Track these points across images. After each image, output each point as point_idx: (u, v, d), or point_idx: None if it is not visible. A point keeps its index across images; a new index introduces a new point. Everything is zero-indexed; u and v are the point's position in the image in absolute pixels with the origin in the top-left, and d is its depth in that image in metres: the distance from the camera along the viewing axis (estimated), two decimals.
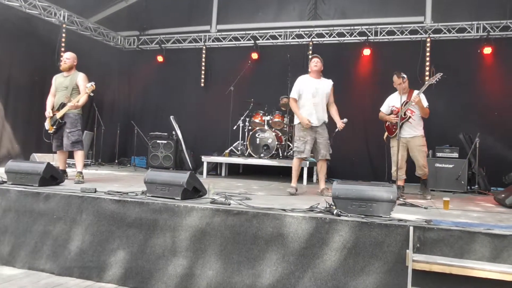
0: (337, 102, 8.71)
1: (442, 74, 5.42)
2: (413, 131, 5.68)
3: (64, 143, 5.78)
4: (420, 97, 5.51)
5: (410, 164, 5.94)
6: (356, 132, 9.03)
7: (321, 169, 5.78)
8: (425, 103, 5.63)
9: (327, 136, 5.67)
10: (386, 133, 6.00)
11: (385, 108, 6.02)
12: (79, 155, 5.83)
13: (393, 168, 5.75)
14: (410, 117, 5.61)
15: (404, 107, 5.57)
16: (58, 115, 5.75)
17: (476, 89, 8.20)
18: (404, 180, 5.85)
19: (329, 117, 5.77)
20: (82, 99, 5.76)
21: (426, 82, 5.55)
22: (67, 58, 5.94)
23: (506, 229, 3.13)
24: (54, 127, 5.79)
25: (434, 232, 3.13)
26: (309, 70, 5.76)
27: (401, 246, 3.15)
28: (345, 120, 5.60)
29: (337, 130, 5.73)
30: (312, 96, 5.58)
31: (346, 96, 9.14)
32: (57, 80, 5.99)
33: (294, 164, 5.70)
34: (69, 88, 5.82)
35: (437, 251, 3.10)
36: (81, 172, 5.74)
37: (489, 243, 3.02)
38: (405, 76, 5.58)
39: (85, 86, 5.78)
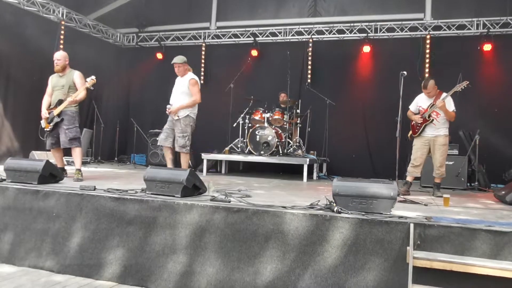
0: (336, 99, 8.79)
1: (468, 82, 5.59)
2: (436, 132, 5.71)
3: (62, 140, 5.71)
4: (445, 102, 5.57)
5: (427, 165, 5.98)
6: (356, 129, 9.03)
7: None
8: (450, 108, 5.66)
9: None
10: (410, 132, 6.01)
11: (413, 107, 6.00)
12: (77, 152, 5.78)
13: (409, 165, 5.81)
14: (433, 119, 5.69)
15: (430, 109, 5.70)
16: (56, 111, 5.71)
17: (476, 86, 8.14)
18: (414, 178, 5.85)
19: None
20: (81, 94, 5.74)
21: (453, 89, 5.64)
22: (58, 59, 5.82)
23: (506, 226, 3.12)
24: (51, 124, 5.75)
25: (434, 229, 3.13)
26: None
27: (402, 243, 3.14)
28: None
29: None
30: None
31: (346, 93, 9.16)
32: (53, 80, 5.94)
33: None
34: (65, 87, 5.79)
35: (438, 248, 3.09)
36: (79, 170, 5.71)
37: (489, 240, 3.01)
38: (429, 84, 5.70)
39: (82, 83, 5.76)
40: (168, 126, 6.14)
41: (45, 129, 5.82)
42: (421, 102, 5.91)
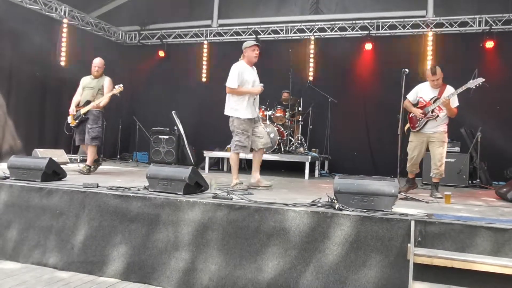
0: (338, 96, 8.79)
1: (484, 80, 5.06)
2: (435, 127, 5.37)
3: (85, 138, 6.33)
4: (450, 100, 5.17)
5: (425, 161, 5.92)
6: (357, 126, 9.04)
7: None
8: (454, 104, 5.27)
9: None
10: (407, 125, 5.62)
11: (412, 97, 5.54)
12: (92, 150, 6.40)
13: (408, 164, 5.57)
14: (438, 115, 5.32)
15: (434, 104, 5.29)
16: (83, 110, 6.30)
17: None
18: (415, 175, 5.71)
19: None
20: (104, 100, 6.35)
21: (466, 85, 5.12)
22: (98, 66, 6.49)
23: (507, 223, 3.13)
24: (77, 121, 6.34)
25: (435, 226, 3.14)
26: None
27: (403, 240, 3.16)
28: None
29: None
30: None
31: (348, 90, 9.15)
32: (85, 81, 6.53)
33: None
34: (95, 89, 6.39)
35: (439, 245, 3.11)
36: (89, 166, 6.32)
37: (490, 237, 3.03)
38: (437, 71, 5.28)
39: (109, 89, 6.38)
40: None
41: (71, 125, 6.42)
42: (422, 93, 5.48)
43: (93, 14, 10.20)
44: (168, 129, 9.24)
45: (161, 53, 10.52)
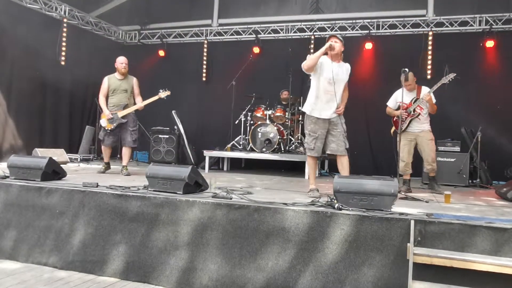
0: None
1: (455, 74, 5.49)
2: (421, 126, 5.71)
3: (127, 140, 6.43)
4: (431, 94, 5.56)
5: (416, 159, 5.94)
6: (357, 126, 9.02)
7: None
8: (433, 100, 5.66)
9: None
10: (393, 128, 6.02)
11: (392, 104, 6.00)
12: (131, 151, 6.64)
13: (401, 164, 5.71)
14: (419, 114, 5.66)
15: (414, 104, 5.65)
16: (121, 114, 6.37)
17: (478, 83, 8.16)
18: (410, 175, 5.84)
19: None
20: (147, 102, 6.57)
21: (439, 82, 5.55)
22: (126, 63, 6.53)
23: (507, 223, 3.13)
24: (115, 125, 6.36)
25: (435, 225, 3.14)
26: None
27: (402, 239, 3.16)
28: None
29: None
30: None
31: (348, 90, 9.13)
32: (112, 81, 6.50)
33: None
34: (128, 91, 6.51)
35: (438, 245, 3.10)
36: (127, 166, 6.48)
37: (490, 237, 3.02)
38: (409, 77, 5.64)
39: (139, 91, 6.62)
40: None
41: (107, 128, 6.40)
42: (400, 97, 5.61)
43: (93, 13, 10.18)
44: (168, 128, 9.24)
45: (161, 53, 10.51)
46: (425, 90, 5.70)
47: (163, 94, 6.63)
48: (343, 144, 4.87)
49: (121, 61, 6.50)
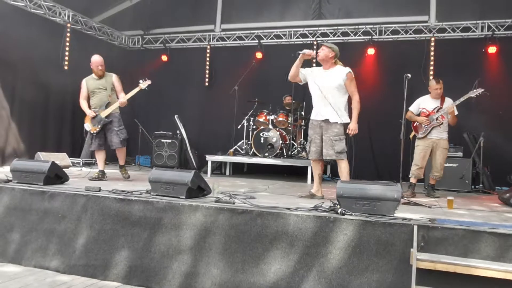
0: None
1: (483, 90, 5.61)
2: (440, 134, 5.87)
3: (114, 142, 6.07)
4: (455, 107, 5.76)
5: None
6: (359, 131, 8.95)
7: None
8: (455, 112, 5.85)
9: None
10: (413, 133, 6.16)
11: (415, 109, 6.06)
12: (124, 152, 6.30)
13: (414, 167, 5.87)
14: (442, 123, 5.81)
15: (437, 113, 5.80)
16: (103, 113, 6.02)
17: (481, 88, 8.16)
18: (417, 180, 5.91)
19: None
20: (130, 95, 6.20)
21: (466, 95, 5.69)
22: (102, 65, 6.14)
23: (510, 228, 3.12)
24: (99, 126, 6.04)
25: (438, 231, 3.13)
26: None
27: (405, 245, 3.15)
28: None
29: None
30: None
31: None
32: (90, 83, 6.18)
33: None
34: (108, 89, 6.13)
35: (442, 250, 3.10)
36: (125, 167, 6.29)
37: (493, 242, 3.01)
38: (440, 81, 5.85)
39: (121, 87, 6.23)
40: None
41: (92, 132, 6.08)
42: (424, 104, 5.99)
43: (97, 18, 10.24)
44: (170, 133, 9.25)
45: (164, 58, 10.55)
46: (448, 101, 5.84)
47: (143, 84, 6.26)
48: (331, 149, 4.94)
49: (96, 64, 6.13)
